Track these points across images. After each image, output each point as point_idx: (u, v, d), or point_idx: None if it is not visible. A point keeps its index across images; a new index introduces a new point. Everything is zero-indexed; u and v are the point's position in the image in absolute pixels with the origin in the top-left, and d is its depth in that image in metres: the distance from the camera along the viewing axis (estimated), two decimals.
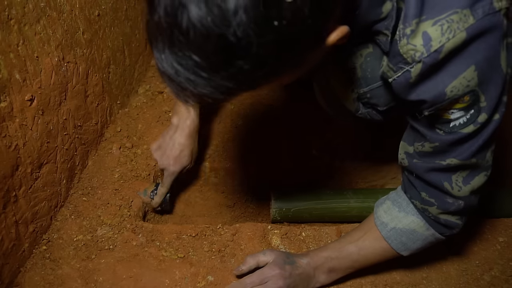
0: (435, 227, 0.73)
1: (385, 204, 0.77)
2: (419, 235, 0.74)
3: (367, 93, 0.74)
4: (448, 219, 0.71)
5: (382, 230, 0.76)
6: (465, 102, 0.58)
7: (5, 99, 0.74)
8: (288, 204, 1.01)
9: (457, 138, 0.61)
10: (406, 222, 0.74)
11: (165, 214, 1.11)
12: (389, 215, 0.76)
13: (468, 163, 0.64)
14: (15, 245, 0.81)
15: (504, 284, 0.86)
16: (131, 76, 1.32)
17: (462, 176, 0.66)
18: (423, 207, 0.72)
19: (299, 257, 0.80)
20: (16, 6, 0.74)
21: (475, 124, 0.59)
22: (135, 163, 1.10)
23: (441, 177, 0.66)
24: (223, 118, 1.27)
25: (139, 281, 0.84)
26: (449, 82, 0.56)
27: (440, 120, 0.62)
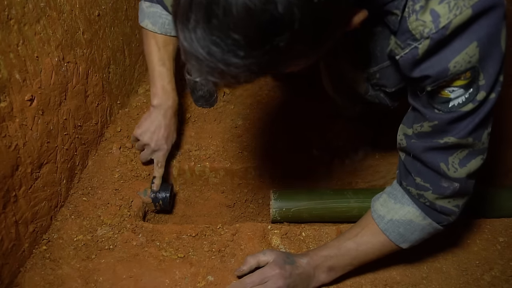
0: (431, 215, 0.73)
1: (382, 198, 0.78)
2: (416, 225, 0.74)
3: (377, 73, 0.74)
4: (443, 205, 0.71)
5: (379, 223, 0.76)
6: (466, 79, 0.59)
7: (5, 99, 0.74)
8: (288, 204, 1.01)
9: (456, 116, 0.62)
10: (402, 213, 0.74)
11: (165, 214, 1.11)
12: (385, 207, 0.76)
13: (465, 142, 0.64)
14: (15, 245, 0.81)
15: (504, 284, 0.86)
16: (131, 76, 1.32)
17: (459, 158, 0.66)
18: (418, 193, 0.71)
19: (299, 257, 0.80)
20: (16, 6, 0.74)
21: (474, 102, 0.61)
22: (135, 163, 1.10)
23: (438, 157, 0.67)
24: (223, 118, 1.27)
25: (139, 281, 0.84)
26: (453, 58, 0.58)
27: (440, 99, 0.63)
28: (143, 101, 1.31)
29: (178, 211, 1.13)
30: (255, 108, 1.32)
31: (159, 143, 1.00)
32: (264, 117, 1.28)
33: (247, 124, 1.25)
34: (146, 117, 1.00)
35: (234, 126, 1.24)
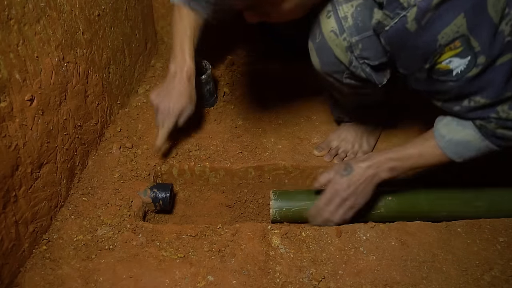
0: (491, 139, 0.78)
1: (445, 119, 0.83)
2: (474, 146, 0.79)
3: (359, 43, 0.78)
4: (505, 132, 0.75)
5: (439, 141, 0.82)
6: (457, 48, 0.65)
7: (5, 99, 0.74)
8: (288, 204, 1.01)
9: (467, 81, 0.68)
10: (462, 134, 0.79)
11: (165, 214, 1.11)
12: (447, 128, 0.81)
13: (503, 97, 0.70)
14: (15, 245, 0.81)
15: (504, 284, 0.85)
16: (131, 76, 1.32)
17: (507, 105, 0.71)
18: (481, 124, 0.76)
19: (359, 162, 0.89)
20: (16, 6, 0.74)
21: (477, 67, 0.66)
22: (135, 163, 1.10)
23: (485, 112, 0.73)
24: (223, 118, 1.27)
25: (139, 281, 0.84)
26: (442, 29, 0.63)
27: (442, 72, 0.69)
28: (143, 101, 1.31)
29: (178, 211, 1.13)
30: (255, 108, 1.32)
31: (165, 105, 1.02)
32: (264, 117, 1.28)
33: (247, 124, 1.25)
34: (162, 83, 1.05)
35: (234, 126, 1.24)
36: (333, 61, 0.85)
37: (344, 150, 1.15)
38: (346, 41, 0.79)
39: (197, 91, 1.24)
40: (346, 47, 0.80)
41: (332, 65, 0.86)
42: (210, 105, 1.30)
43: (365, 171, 0.88)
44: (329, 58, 0.85)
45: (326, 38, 0.82)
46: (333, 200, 0.92)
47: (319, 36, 0.83)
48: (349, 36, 0.78)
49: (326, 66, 0.88)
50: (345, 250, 0.91)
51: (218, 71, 1.44)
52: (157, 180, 1.13)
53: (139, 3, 1.34)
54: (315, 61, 0.89)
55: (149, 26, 1.46)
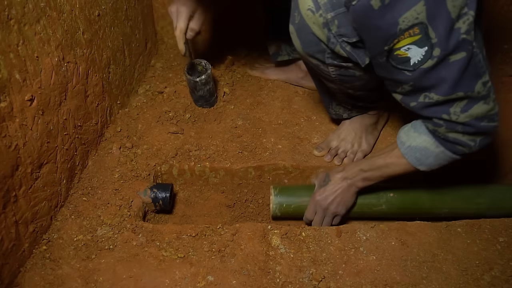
0: (445, 145, 0.80)
1: (406, 127, 0.88)
2: (430, 152, 0.82)
3: (334, 19, 0.80)
4: (457, 137, 0.78)
5: (400, 148, 0.86)
6: (416, 35, 0.68)
7: (5, 99, 0.74)
8: (288, 200, 1.02)
9: (421, 73, 0.71)
10: (419, 141, 0.83)
11: (165, 214, 1.11)
12: (406, 135, 0.86)
13: (455, 96, 0.72)
14: (15, 245, 0.81)
15: (504, 284, 0.86)
16: (131, 76, 1.32)
17: (460, 106, 0.74)
18: (434, 129, 0.80)
19: (335, 174, 0.99)
20: (16, 6, 0.74)
21: (432, 59, 0.69)
22: (135, 163, 1.10)
23: (438, 110, 0.75)
24: (223, 118, 1.27)
25: (139, 281, 0.84)
26: (403, 13, 0.66)
27: (401, 59, 0.72)
28: (143, 101, 1.31)
29: (178, 211, 1.13)
30: (255, 108, 1.32)
31: (174, 9, 1.08)
32: (264, 117, 1.28)
33: (247, 124, 1.25)
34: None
35: (234, 126, 1.24)
36: (312, 39, 0.86)
37: (343, 150, 1.15)
38: (322, 17, 0.80)
39: (197, 91, 1.25)
40: (323, 23, 0.81)
41: (312, 44, 0.87)
42: (210, 105, 1.30)
43: (341, 182, 0.98)
44: (308, 36, 0.86)
45: (303, 17, 0.83)
46: (317, 211, 1.01)
47: (298, 16, 0.85)
48: (324, 13, 0.80)
49: (307, 47, 0.89)
50: (345, 250, 0.91)
51: (218, 71, 1.44)
52: (157, 180, 1.13)
53: (139, 3, 1.34)
54: (296, 43, 0.90)
55: (149, 26, 1.46)
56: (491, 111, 0.75)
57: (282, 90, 1.38)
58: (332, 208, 0.98)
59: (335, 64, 0.90)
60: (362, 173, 0.95)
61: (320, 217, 1.01)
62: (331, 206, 0.98)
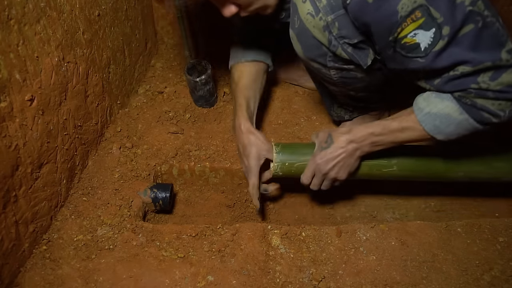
0: (470, 112, 0.75)
1: (425, 93, 0.81)
2: (452, 119, 0.76)
3: (335, 21, 0.79)
4: (485, 104, 0.72)
5: (417, 115, 0.79)
6: (419, 19, 0.66)
7: (5, 99, 0.74)
8: (291, 157, 0.95)
9: (435, 55, 0.69)
10: (441, 107, 0.77)
11: (165, 214, 1.11)
12: (426, 101, 0.79)
13: (482, 67, 0.68)
14: (15, 245, 0.81)
15: (504, 284, 0.86)
16: (131, 76, 1.32)
17: (488, 76, 0.70)
18: (460, 95, 0.74)
19: (340, 135, 0.88)
20: (16, 6, 0.74)
21: (443, 39, 0.67)
22: (135, 163, 1.10)
23: (466, 81, 0.71)
24: (223, 118, 1.27)
25: (139, 281, 0.84)
26: (399, 0, 0.65)
27: (410, 47, 0.70)
28: (143, 101, 1.31)
29: (178, 211, 1.13)
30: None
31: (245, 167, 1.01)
32: (264, 117, 1.28)
33: None
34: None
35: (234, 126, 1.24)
36: (313, 43, 0.85)
37: None
38: (323, 21, 0.80)
39: (197, 91, 1.25)
40: (324, 27, 0.81)
41: (313, 48, 0.87)
42: (210, 105, 1.30)
43: (347, 145, 0.88)
44: (309, 40, 0.86)
45: (303, 21, 0.83)
46: (315, 174, 0.92)
47: (297, 21, 0.85)
48: (324, 15, 0.80)
49: (308, 51, 0.88)
50: (345, 250, 0.91)
51: (218, 71, 1.44)
52: (157, 180, 1.13)
53: (139, 3, 1.34)
54: (297, 48, 0.90)
55: (149, 26, 1.46)
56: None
57: (282, 90, 1.38)
58: (332, 173, 0.90)
59: (337, 67, 0.89)
60: (371, 137, 0.86)
61: (318, 181, 0.93)
62: (332, 172, 0.90)
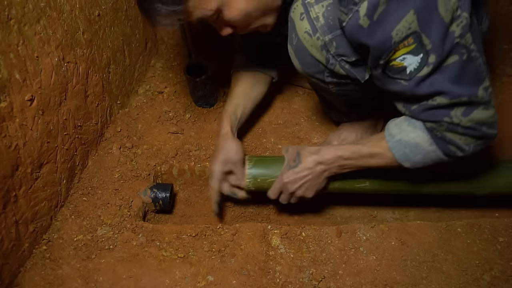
0: (439, 144, 0.76)
1: (397, 119, 0.82)
2: (422, 149, 0.78)
3: (333, 41, 0.80)
4: (454, 138, 0.74)
5: (389, 141, 0.80)
6: (410, 45, 0.67)
7: (5, 99, 0.74)
8: (264, 173, 0.94)
9: (417, 81, 0.69)
10: (412, 136, 0.78)
11: (165, 214, 1.11)
12: (398, 127, 0.80)
13: (458, 101, 0.70)
14: (15, 245, 0.81)
15: (504, 284, 0.86)
16: (131, 76, 1.32)
17: (461, 110, 0.71)
18: (432, 126, 0.75)
19: (308, 155, 0.89)
20: (16, 6, 0.74)
21: (428, 65, 0.67)
22: (135, 163, 1.10)
23: (440, 113, 0.72)
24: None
25: (139, 281, 0.84)
26: (394, 26, 0.65)
27: (397, 69, 0.70)
28: (143, 101, 1.31)
29: (178, 211, 1.13)
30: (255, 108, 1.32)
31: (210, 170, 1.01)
32: (264, 117, 1.28)
33: (247, 124, 1.25)
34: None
35: None
36: (311, 61, 0.86)
37: None
38: (320, 40, 0.81)
39: (197, 91, 1.25)
40: (321, 46, 0.81)
41: (311, 65, 0.87)
42: (210, 105, 1.30)
43: (314, 167, 0.88)
44: (306, 58, 0.86)
45: (301, 39, 0.83)
46: (283, 192, 0.93)
47: (295, 38, 0.85)
48: (322, 35, 0.80)
49: (306, 67, 0.89)
50: (345, 250, 0.91)
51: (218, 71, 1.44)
52: (157, 180, 1.13)
53: None
54: (295, 63, 0.91)
55: (149, 26, 1.46)
56: (492, 118, 0.73)
57: (282, 90, 1.38)
58: (299, 192, 0.91)
59: (335, 82, 0.90)
60: (340, 160, 0.86)
61: (286, 198, 0.94)
62: (299, 191, 0.91)
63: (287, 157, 0.92)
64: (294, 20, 0.84)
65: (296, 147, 0.93)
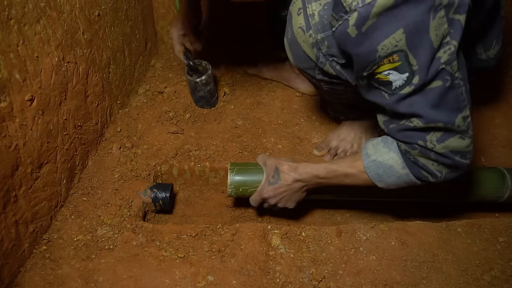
0: (412, 168, 0.77)
1: (375, 140, 0.83)
2: (394, 172, 0.79)
3: (324, 40, 0.80)
4: (426, 164, 0.75)
5: (364, 160, 0.82)
6: (395, 62, 0.66)
7: (5, 99, 0.74)
8: (246, 182, 0.96)
9: (399, 98, 0.70)
10: (386, 157, 0.79)
11: (165, 214, 1.11)
12: (374, 148, 0.82)
13: (434, 126, 0.70)
14: (15, 245, 0.81)
15: (504, 284, 0.86)
16: (131, 76, 1.32)
17: (436, 136, 0.72)
18: (406, 149, 0.76)
19: (286, 173, 0.91)
20: (16, 6, 0.74)
21: (410, 86, 0.67)
22: (135, 163, 1.10)
23: (414, 136, 0.73)
24: (223, 118, 1.27)
25: (139, 281, 0.84)
26: (381, 41, 0.64)
27: (382, 82, 0.70)
28: (143, 101, 1.31)
29: (178, 211, 1.13)
30: (255, 108, 1.32)
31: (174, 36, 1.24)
32: (264, 117, 1.28)
33: (247, 124, 1.25)
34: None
35: (234, 126, 1.24)
36: (303, 56, 0.87)
37: (343, 149, 1.16)
38: (312, 38, 0.81)
39: (198, 92, 1.25)
40: (312, 43, 0.82)
41: (303, 60, 0.88)
42: (210, 106, 1.30)
43: (292, 184, 0.91)
44: (299, 53, 0.87)
45: (295, 34, 0.84)
46: (264, 203, 0.98)
47: (290, 32, 0.86)
48: (314, 33, 0.80)
49: (299, 62, 0.90)
50: (345, 250, 0.91)
51: (218, 71, 1.44)
52: (157, 180, 1.13)
53: (139, 3, 1.34)
54: (289, 56, 0.91)
55: (149, 26, 1.46)
56: (467, 148, 0.73)
57: (282, 90, 1.38)
58: (280, 204, 0.95)
59: (326, 80, 0.90)
60: (316, 179, 0.90)
61: (267, 207, 0.98)
62: (280, 203, 0.95)
63: (266, 172, 0.95)
64: (292, 13, 0.84)
65: (274, 160, 0.94)
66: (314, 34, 0.81)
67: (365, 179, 0.83)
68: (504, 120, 1.27)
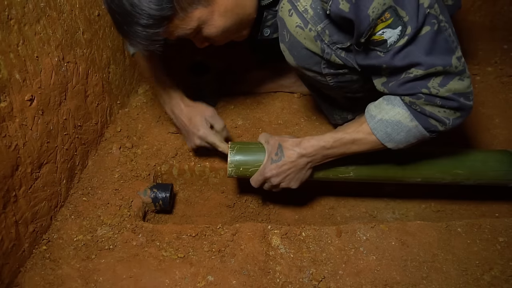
0: (420, 119, 0.77)
1: (376, 101, 0.83)
2: (403, 126, 0.78)
3: (325, 29, 0.81)
4: (433, 111, 0.76)
5: (370, 122, 0.81)
6: (388, 20, 0.69)
7: (5, 99, 0.74)
8: (247, 161, 0.94)
9: (394, 52, 0.72)
10: (392, 114, 0.79)
11: (165, 214, 1.11)
12: (377, 108, 0.81)
13: (434, 71, 0.72)
14: (15, 245, 0.81)
15: (504, 284, 0.86)
16: (131, 76, 1.32)
17: (437, 82, 0.73)
18: (411, 101, 0.76)
19: (290, 149, 0.88)
20: (16, 6, 0.74)
21: (404, 37, 0.70)
22: (135, 163, 1.10)
23: (417, 86, 0.74)
24: (223, 118, 1.27)
25: (139, 281, 0.84)
26: (369, 4, 0.68)
27: (378, 43, 0.73)
28: (143, 101, 1.31)
29: (178, 211, 1.13)
30: (255, 108, 1.32)
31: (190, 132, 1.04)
32: (264, 117, 1.28)
33: (247, 124, 1.25)
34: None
35: (234, 126, 1.24)
36: (306, 54, 0.87)
37: None
38: (313, 31, 0.82)
39: (200, 91, 1.24)
40: (315, 37, 0.82)
41: (307, 58, 0.88)
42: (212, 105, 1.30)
43: (297, 160, 0.88)
44: (301, 52, 0.87)
45: (293, 34, 0.84)
46: (266, 184, 0.94)
47: (287, 35, 0.86)
48: (314, 26, 0.81)
49: (301, 61, 0.89)
50: (345, 250, 0.91)
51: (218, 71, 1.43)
52: (157, 180, 1.13)
53: None
54: (289, 59, 0.91)
55: None
56: (468, 89, 0.75)
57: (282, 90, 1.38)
58: (283, 184, 0.91)
59: (332, 73, 0.91)
60: (323, 151, 0.86)
61: (269, 188, 0.94)
62: (283, 183, 0.91)
63: (268, 149, 0.92)
64: (283, 18, 0.85)
65: (277, 138, 0.92)
66: (313, 27, 0.81)
67: (373, 142, 0.82)
68: (504, 120, 1.27)
